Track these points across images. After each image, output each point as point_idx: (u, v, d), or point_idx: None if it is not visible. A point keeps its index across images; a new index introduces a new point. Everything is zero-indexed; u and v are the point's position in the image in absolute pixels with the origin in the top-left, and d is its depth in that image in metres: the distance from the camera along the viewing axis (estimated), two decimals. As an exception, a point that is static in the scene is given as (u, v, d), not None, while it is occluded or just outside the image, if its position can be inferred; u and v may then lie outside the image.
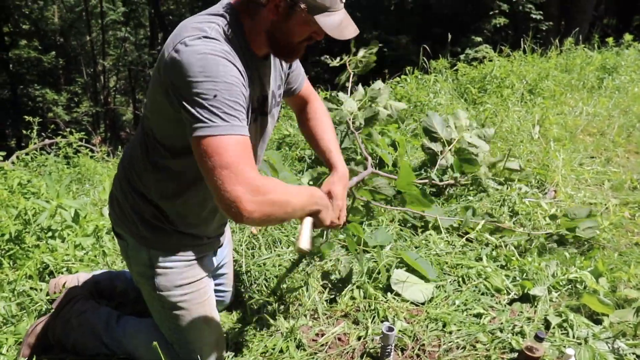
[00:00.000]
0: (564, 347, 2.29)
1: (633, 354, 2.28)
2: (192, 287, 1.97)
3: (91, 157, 5.48)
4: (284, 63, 2.03)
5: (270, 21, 1.68)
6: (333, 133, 2.29)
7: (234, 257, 2.83)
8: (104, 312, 2.20)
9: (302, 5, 1.60)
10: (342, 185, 2.13)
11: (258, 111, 1.87)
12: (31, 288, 2.52)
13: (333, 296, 2.58)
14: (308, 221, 1.82)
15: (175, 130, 1.67)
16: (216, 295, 2.33)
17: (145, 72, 24.71)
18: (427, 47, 7.07)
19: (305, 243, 1.77)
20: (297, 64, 2.13)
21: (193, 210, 1.92)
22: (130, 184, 1.90)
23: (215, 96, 1.50)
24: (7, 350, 2.12)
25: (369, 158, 3.22)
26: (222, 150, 1.48)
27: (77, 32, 25.05)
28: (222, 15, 1.67)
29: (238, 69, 1.59)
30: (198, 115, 1.49)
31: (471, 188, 3.81)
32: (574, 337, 2.38)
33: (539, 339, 2.15)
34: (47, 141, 5.83)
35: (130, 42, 27.14)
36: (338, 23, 1.64)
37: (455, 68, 6.83)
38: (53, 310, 2.24)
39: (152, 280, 1.94)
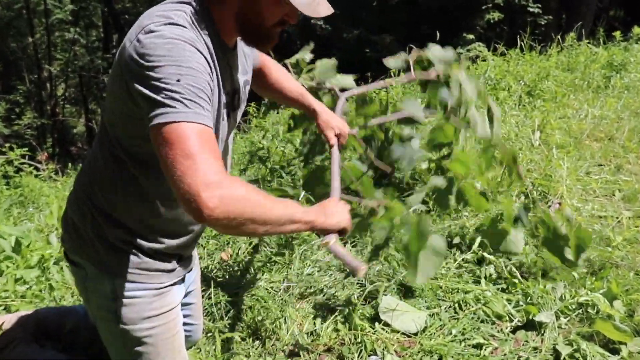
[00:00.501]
0: (577, 380, 2.30)
1: (655, 387, 2.30)
2: (161, 319, 1.92)
3: (36, 176, 5.41)
4: (248, 54, 2.05)
5: (238, 3, 1.69)
6: (295, 81, 2.47)
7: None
8: (49, 358, 2.15)
9: None
10: (332, 116, 2.48)
11: (230, 106, 1.87)
12: (-36, 331, 2.47)
13: (314, 328, 2.56)
14: (332, 240, 1.78)
15: (145, 137, 1.64)
16: (186, 332, 2.30)
17: (99, 78, 24.42)
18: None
19: (356, 265, 1.74)
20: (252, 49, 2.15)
21: (166, 224, 1.89)
22: (92, 203, 1.83)
23: (178, 80, 1.48)
24: None
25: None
26: (184, 138, 1.45)
27: (17, 32, 24.62)
28: (188, 3, 1.67)
29: (205, 57, 1.59)
30: (159, 100, 1.46)
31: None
32: (588, 368, 2.39)
33: (547, 371, 2.16)
34: (-19, 159, 5.74)
35: (81, 45, 26.85)
36: (311, 0, 1.66)
37: (445, 69, 6.86)
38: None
39: (115, 314, 1.88)
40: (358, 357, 2.39)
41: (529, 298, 2.82)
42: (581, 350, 2.46)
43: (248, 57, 2.06)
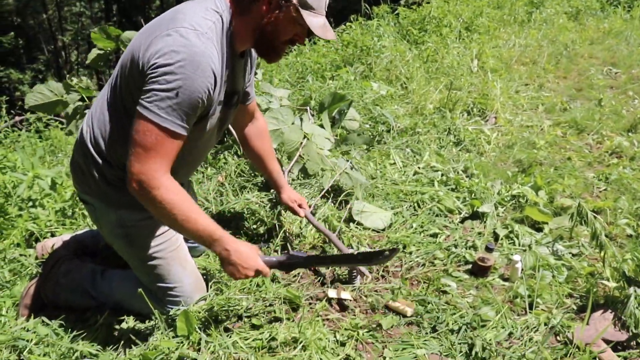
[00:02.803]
0: (511, 254, 2.38)
1: (569, 253, 2.40)
2: (163, 237, 1.96)
3: (61, 129, 5.34)
4: (253, 64, 2.05)
5: (261, 17, 1.70)
6: (273, 154, 2.44)
7: (204, 206, 2.83)
8: (89, 269, 2.18)
9: (294, 1, 1.65)
10: (292, 192, 2.48)
11: (224, 104, 1.86)
12: (20, 255, 2.49)
13: (300, 231, 2.60)
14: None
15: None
16: (192, 242, 2.33)
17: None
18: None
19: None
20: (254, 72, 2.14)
21: None
22: (94, 147, 1.83)
23: (177, 94, 1.53)
24: (7, 312, 2.11)
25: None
26: (150, 134, 1.56)
27: (33, 11, 24.11)
28: (220, 15, 1.67)
29: (215, 75, 1.60)
30: (154, 95, 1.53)
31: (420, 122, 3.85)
32: (519, 245, 2.48)
33: (489, 250, 2.23)
34: (17, 118, 5.66)
35: (86, 16, 26.21)
36: (322, 24, 1.70)
37: (396, 12, 6.77)
38: (42, 272, 2.22)
39: (125, 239, 1.93)
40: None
41: (473, 194, 2.87)
42: (514, 231, 2.54)
43: (253, 62, 2.06)
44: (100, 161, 1.83)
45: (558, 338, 1.90)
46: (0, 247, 2.51)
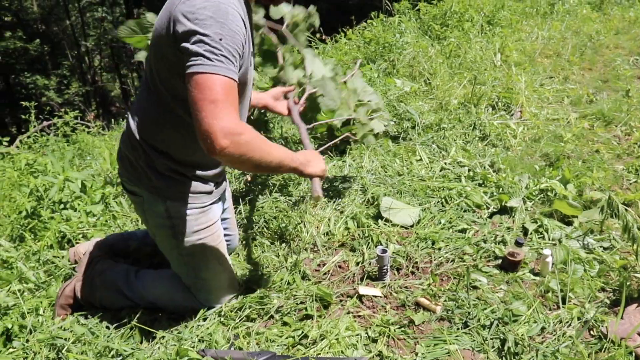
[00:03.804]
0: (542, 248, 2.36)
1: (600, 246, 2.37)
2: (207, 231, 1.98)
3: (88, 132, 5.43)
4: None
5: None
6: None
7: (233, 205, 2.85)
8: (122, 269, 2.22)
9: None
10: (260, 96, 2.45)
11: (253, 54, 1.88)
12: (54, 256, 2.54)
13: (329, 229, 2.61)
14: (320, 193, 1.93)
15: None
16: (227, 240, 2.35)
17: (127, 47, 24.20)
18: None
19: (316, 193, 1.90)
20: None
21: (205, 157, 1.90)
22: (142, 139, 1.85)
23: (220, 39, 1.50)
24: (44, 312, 2.16)
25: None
26: (212, 86, 1.48)
27: (57, 17, 24.53)
28: None
29: (243, 21, 1.59)
30: (200, 52, 1.49)
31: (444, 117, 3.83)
32: (549, 239, 2.45)
33: (519, 244, 2.21)
34: (45, 123, 5.76)
35: (108, 21, 26.53)
36: None
37: (417, 8, 6.75)
38: (77, 274, 2.26)
39: (170, 230, 1.94)
40: (367, 248, 2.44)
41: (501, 189, 2.85)
42: (544, 225, 2.52)
43: None
44: (149, 152, 1.84)
45: (592, 332, 1.88)
46: (35, 248, 2.56)
